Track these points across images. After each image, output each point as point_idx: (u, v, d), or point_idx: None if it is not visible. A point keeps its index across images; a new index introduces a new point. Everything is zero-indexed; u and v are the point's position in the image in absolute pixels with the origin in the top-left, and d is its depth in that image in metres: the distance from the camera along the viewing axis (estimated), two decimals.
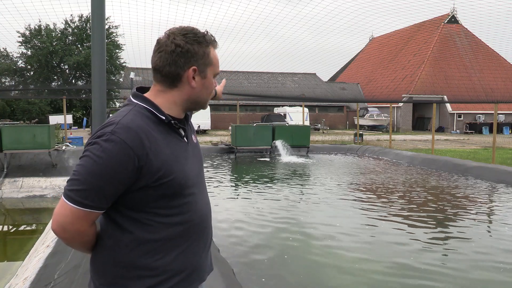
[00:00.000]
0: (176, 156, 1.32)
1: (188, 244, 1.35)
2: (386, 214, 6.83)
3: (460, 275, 4.38)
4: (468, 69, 38.82)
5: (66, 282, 3.16)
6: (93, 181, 1.18)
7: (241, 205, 7.56)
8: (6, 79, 39.08)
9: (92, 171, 1.18)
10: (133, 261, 1.28)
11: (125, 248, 1.28)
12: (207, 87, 1.39)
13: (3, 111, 34.31)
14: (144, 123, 1.27)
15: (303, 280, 4.23)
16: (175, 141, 1.35)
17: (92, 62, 3.37)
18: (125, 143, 1.19)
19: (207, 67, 1.36)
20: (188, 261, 1.35)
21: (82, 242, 1.29)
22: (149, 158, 1.23)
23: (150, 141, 1.24)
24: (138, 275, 1.28)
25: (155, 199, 1.27)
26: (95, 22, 3.34)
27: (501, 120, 35.12)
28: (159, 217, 1.29)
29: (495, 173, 10.47)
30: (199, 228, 1.39)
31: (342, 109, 41.66)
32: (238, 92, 33.46)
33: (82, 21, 39.25)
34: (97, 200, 1.20)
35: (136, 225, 1.28)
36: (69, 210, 1.20)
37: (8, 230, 7.93)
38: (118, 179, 1.20)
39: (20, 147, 11.07)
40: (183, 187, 1.32)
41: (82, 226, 1.23)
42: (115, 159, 1.18)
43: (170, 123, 1.33)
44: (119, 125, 1.22)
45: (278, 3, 37.14)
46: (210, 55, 1.36)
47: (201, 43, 1.33)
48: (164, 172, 1.26)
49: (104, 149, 1.18)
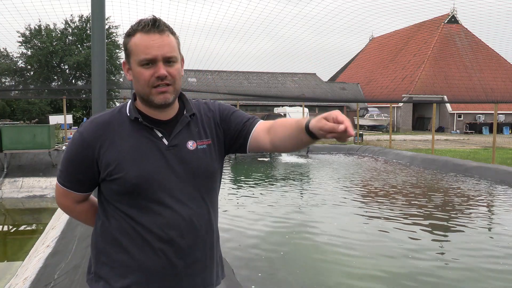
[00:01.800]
0: (136, 154, 1.28)
1: (148, 251, 1.29)
2: (386, 214, 6.83)
3: (460, 275, 4.38)
4: (468, 69, 38.81)
5: (66, 282, 3.16)
6: (64, 164, 1.36)
7: (241, 205, 7.56)
8: (6, 79, 39.08)
9: (64, 155, 1.37)
10: (103, 247, 1.35)
11: (97, 231, 1.39)
12: (136, 78, 1.30)
13: (3, 111, 34.30)
14: (112, 118, 1.34)
15: (303, 280, 4.23)
16: (145, 140, 1.30)
17: (92, 62, 3.37)
18: (82, 134, 1.32)
19: (130, 58, 1.31)
20: (146, 266, 1.30)
21: (75, 216, 1.49)
22: (102, 151, 1.30)
23: (107, 135, 1.30)
24: (104, 261, 1.35)
25: (115, 194, 1.32)
26: (95, 22, 3.34)
27: (501, 120, 35.11)
28: (119, 212, 1.32)
29: (495, 173, 10.47)
30: (164, 240, 1.29)
31: (342, 109, 41.61)
32: (238, 92, 33.47)
33: (82, 21, 39.25)
34: (68, 181, 1.37)
35: (106, 213, 1.36)
36: (56, 187, 1.42)
37: (8, 230, 7.92)
38: (76, 165, 1.33)
39: (20, 147, 11.07)
40: (138, 187, 1.27)
41: (66, 202, 1.42)
42: (74, 147, 1.33)
43: (136, 120, 1.32)
44: (89, 119, 1.36)
45: (278, 3, 37.18)
46: (128, 44, 1.30)
47: (126, 36, 1.32)
48: (115, 166, 1.28)
49: (72, 138, 1.36)
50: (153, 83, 1.27)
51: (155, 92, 1.28)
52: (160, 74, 1.26)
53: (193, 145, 1.36)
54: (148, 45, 1.25)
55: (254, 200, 7.89)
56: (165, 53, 1.26)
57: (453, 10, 40.65)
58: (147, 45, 1.26)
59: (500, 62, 40.18)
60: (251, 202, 7.75)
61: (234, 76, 41.87)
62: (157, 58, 1.26)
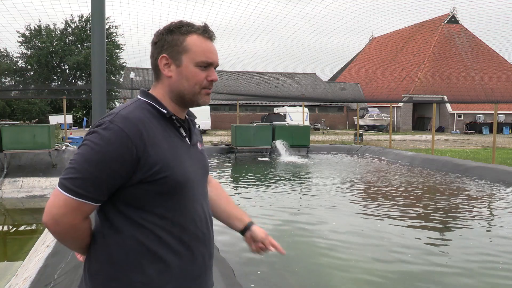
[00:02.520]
0: (175, 153, 1.28)
1: (185, 252, 1.30)
2: (386, 216, 6.83)
3: (460, 275, 4.38)
4: (468, 69, 38.83)
5: (66, 282, 3.16)
6: (90, 169, 1.15)
7: (241, 205, 7.56)
8: (6, 79, 39.10)
9: (89, 158, 1.16)
10: (125, 263, 1.23)
11: (117, 248, 1.24)
12: (186, 76, 1.31)
13: (3, 111, 34.32)
14: (143, 115, 1.26)
15: (304, 280, 4.23)
16: (176, 139, 1.32)
17: (92, 62, 3.37)
18: (124, 131, 1.18)
19: (181, 55, 1.30)
20: (185, 271, 1.30)
21: (74, 238, 1.24)
22: (147, 150, 1.20)
23: (148, 133, 1.22)
24: (129, 280, 1.23)
25: (151, 196, 1.23)
26: (95, 22, 3.34)
27: (501, 120, 35.13)
28: (154, 217, 1.25)
29: (495, 173, 10.47)
30: (198, 237, 1.34)
31: (342, 109, 41.66)
32: (238, 92, 33.48)
33: (82, 21, 39.27)
34: (92, 190, 1.16)
35: (130, 223, 1.24)
36: (63, 200, 1.16)
37: (8, 230, 7.92)
38: (115, 169, 1.17)
39: (20, 147, 11.07)
40: (181, 186, 1.27)
41: (75, 218, 1.18)
42: (113, 147, 1.16)
43: (171, 118, 1.32)
44: (118, 116, 1.21)
45: (279, 2, 37.17)
46: (185, 42, 1.30)
47: (173, 32, 1.31)
48: (161, 166, 1.22)
49: (102, 137, 1.17)
50: (205, 85, 1.34)
51: (204, 93, 1.35)
52: (215, 78, 1.35)
53: (200, 145, 1.47)
54: (209, 49, 1.34)
55: (254, 200, 7.89)
56: (218, 61, 1.37)
57: (453, 10, 40.69)
58: (209, 49, 1.34)
59: (500, 62, 40.21)
60: (250, 202, 7.76)
61: (234, 76, 41.88)
62: (214, 63, 1.35)
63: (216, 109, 36.98)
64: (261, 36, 68.07)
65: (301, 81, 43.77)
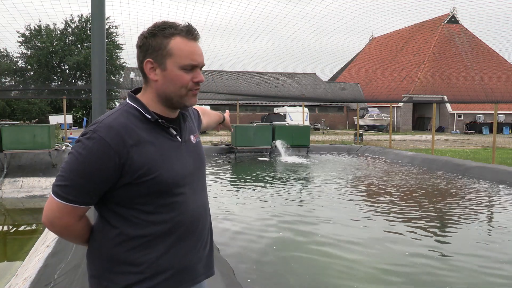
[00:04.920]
0: (162, 155, 1.32)
1: (175, 243, 1.34)
2: (386, 215, 6.83)
3: (460, 276, 4.38)
4: (468, 69, 38.82)
5: (66, 282, 3.16)
6: (75, 178, 1.23)
7: (241, 205, 7.56)
8: (6, 79, 39.11)
9: (74, 168, 1.23)
10: (118, 256, 1.30)
11: (111, 243, 1.31)
12: (171, 80, 1.32)
13: (3, 111, 34.32)
14: (128, 121, 1.29)
15: (304, 280, 4.23)
16: (164, 139, 1.35)
17: (92, 62, 3.36)
18: (104, 140, 1.22)
19: (166, 59, 1.31)
20: (175, 261, 1.35)
21: (71, 236, 1.35)
22: (130, 156, 1.25)
23: (132, 139, 1.26)
24: (122, 270, 1.30)
25: (140, 196, 1.28)
26: (95, 22, 3.33)
27: (501, 120, 35.13)
28: (145, 214, 1.30)
29: (495, 173, 10.47)
30: (188, 229, 1.38)
31: (342, 109, 41.65)
32: (238, 92, 33.47)
33: (82, 21, 39.28)
34: (79, 196, 1.24)
35: (123, 221, 1.30)
36: (56, 205, 1.25)
37: (8, 230, 7.92)
38: (98, 176, 1.23)
39: (20, 147, 11.08)
40: (171, 186, 1.32)
41: (69, 220, 1.28)
42: (95, 156, 1.21)
43: (156, 122, 1.34)
44: (101, 124, 1.26)
45: (278, 2, 37.12)
46: (169, 46, 1.30)
47: (156, 35, 1.31)
48: (148, 169, 1.27)
49: (85, 147, 1.22)
50: (191, 87, 1.35)
51: (190, 95, 1.36)
52: (201, 80, 1.36)
53: (194, 138, 1.50)
54: (193, 51, 1.33)
55: (253, 200, 7.89)
56: (203, 61, 1.37)
57: (453, 10, 40.67)
58: (193, 52, 1.33)
59: (500, 62, 40.19)
60: (250, 202, 7.76)
61: (234, 76, 41.87)
62: (199, 65, 1.35)
63: (216, 109, 36.87)
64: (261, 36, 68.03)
65: (301, 81, 43.76)
